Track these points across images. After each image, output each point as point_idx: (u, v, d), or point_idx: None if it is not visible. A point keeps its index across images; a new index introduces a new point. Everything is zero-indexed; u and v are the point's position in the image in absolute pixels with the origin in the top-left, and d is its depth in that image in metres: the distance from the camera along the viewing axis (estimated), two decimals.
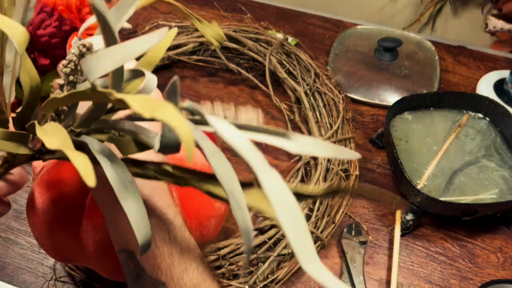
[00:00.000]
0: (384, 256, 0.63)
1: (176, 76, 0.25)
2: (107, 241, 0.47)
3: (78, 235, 0.49)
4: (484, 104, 0.71)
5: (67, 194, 0.48)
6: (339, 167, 0.66)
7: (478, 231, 0.65)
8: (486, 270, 0.62)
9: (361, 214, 0.67)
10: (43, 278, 0.60)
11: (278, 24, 0.90)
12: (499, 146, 0.69)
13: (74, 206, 0.48)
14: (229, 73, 0.84)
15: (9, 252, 0.62)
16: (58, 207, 0.48)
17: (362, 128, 0.77)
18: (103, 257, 0.48)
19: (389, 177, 0.71)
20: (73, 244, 0.49)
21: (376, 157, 0.73)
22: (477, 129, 0.71)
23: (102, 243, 0.47)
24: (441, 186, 0.64)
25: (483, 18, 1.00)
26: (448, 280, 0.61)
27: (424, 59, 0.85)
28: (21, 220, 0.65)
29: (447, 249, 0.64)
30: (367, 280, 0.60)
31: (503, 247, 0.64)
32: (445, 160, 0.67)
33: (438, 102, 0.72)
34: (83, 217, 0.48)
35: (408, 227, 0.63)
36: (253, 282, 0.57)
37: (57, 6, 0.76)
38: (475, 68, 0.86)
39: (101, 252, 0.47)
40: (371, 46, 0.86)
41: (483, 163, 0.67)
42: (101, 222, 0.47)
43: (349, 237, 0.63)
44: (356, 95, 0.80)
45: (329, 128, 0.71)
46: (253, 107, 0.80)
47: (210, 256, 0.58)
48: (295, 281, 0.60)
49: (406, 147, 0.69)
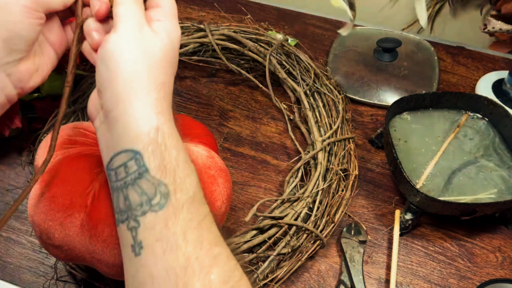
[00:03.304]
0: (383, 256, 0.63)
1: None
2: (107, 238, 0.47)
3: (80, 232, 0.49)
4: (483, 104, 0.71)
5: (69, 192, 0.49)
6: (338, 167, 0.66)
7: (477, 231, 0.66)
8: (485, 269, 0.62)
9: (361, 214, 0.67)
10: (44, 277, 0.60)
11: (278, 24, 0.91)
12: (498, 146, 0.69)
13: (76, 204, 0.49)
14: (230, 73, 0.84)
15: (10, 251, 0.63)
16: (60, 205, 0.48)
17: (362, 128, 0.77)
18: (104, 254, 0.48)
19: (388, 177, 0.71)
20: (75, 242, 0.49)
21: (375, 157, 0.74)
22: (476, 129, 0.71)
23: (102, 241, 0.47)
24: (440, 186, 0.64)
25: (481, 18, 1.00)
26: (447, 280, 0.61)
27: (423, 60, 0.85)
28: (22, 220, 0.66)
29: (446, 248, 0.64)
30: (366, 279, 0.61)
31: (502, 247, 0.64)
32: (444, 160, 0.67)
33: (437, 102, 0.73)
34: (84, 214, 0.49)
35: (407, 226, 0.64)
36: (253, 281, 0.57)
37: None
38: (474, 68, 0.87)
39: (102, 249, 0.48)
40: (370, 47, 0.86)
41: (482, 163, 0.67)
42: (102, 220, 0.47)
43: (348, 236, 0.63)
44: (356, 95, 0.80)
45: (328, 128, 0.71)
46: (253, 107, 0.80)
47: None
48: (295, 280, 0.60)
49: (405, 147, 0.69)
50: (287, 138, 0.76)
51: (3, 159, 0.72)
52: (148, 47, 0.35)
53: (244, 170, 0.72)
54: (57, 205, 0.48)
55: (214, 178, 0.53)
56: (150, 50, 0.35)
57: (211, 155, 0.56)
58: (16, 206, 0.38)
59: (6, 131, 0.69)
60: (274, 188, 0.69)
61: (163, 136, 0.34)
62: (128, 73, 0.34)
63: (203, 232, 0.33)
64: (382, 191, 0.70)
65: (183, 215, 0.32)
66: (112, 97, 0.35)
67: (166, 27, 0.38)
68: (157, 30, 0.37)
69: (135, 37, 0.35)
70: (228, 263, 0.33)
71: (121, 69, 0.34)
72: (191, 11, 0.96)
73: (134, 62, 0.34)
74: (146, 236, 0.33)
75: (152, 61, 0.35)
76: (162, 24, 0.38)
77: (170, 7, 0.40)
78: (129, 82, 0.34)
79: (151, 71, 0.35)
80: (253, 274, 0.57)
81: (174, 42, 0.38)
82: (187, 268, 0.31)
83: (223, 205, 0.54)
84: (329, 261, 0.62)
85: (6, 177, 0.70)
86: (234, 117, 0.78)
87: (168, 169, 0.33)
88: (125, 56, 0.35)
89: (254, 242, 0.59)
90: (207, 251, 0.32)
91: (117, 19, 0.36)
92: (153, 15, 0.39)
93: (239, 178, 0.71)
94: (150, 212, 0.33)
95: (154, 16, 0.38)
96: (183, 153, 0.35)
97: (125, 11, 0.36)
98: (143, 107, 0.34)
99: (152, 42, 0.36)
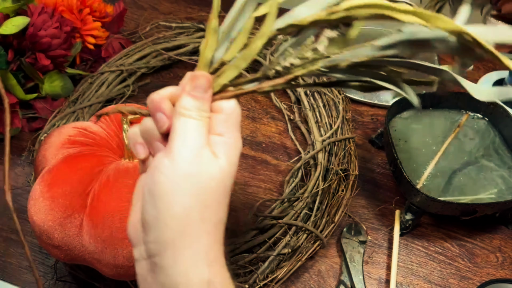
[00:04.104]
0: (383, 256, 0.63)
1: None
2: (107, 238, 0.47)
3: (80, 232, 0.49)
4: (483, 104, 0.71)
5: (69, 192, 0.49)
6: (338, 167, 0.66)
7: (477, 231, 0.65)
8: (485, 269, 0.62)
9: (361, 214, 0.67)
10: (44, 277, 0.60)
11: None
12: (498, 146, 0.69)
13: (76, 204, 0.49)
14: None
15: (10, 251, 0.63)
16: (60, 205, 0.48)
17: (362, 128, 0.77)
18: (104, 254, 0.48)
19: (389, 177, 0.71)
20: (75, 242, 0.49)
21: (375, 157, 0.74)
22: (476, 129, 0.71)
23: (102, 241, 0.47)
24: (441, 186, 0.64)
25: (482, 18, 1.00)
26: (447, 280, 0.61)
27: (423, 60, 0.85)
28: (22, 220, 0.65)
29: (446, 248, 0.64)
30: (367, 280, 0.60)
31: (502, 247, 0.64)
32: (444, 160, 0.67)
33: (437, 102, 0.73)
34: (84, 214, 0.49)
35: (407, 226, 0.63)
36: (253, 282, 0.57)
37: (58, 7, 0.77)
38: (474, 68, 0.87)
39: (102, 249, 0.48)
40: None
41: (482, 163, 0.67)
42: (101, 220, 0.47)
43: (348, 236, 0.63)
44: (356, 95, 0.80)
45: (328, 128, 0.71)
46: (253, 107, 0.80)
47: None
48: (295, 280, 0.60)
49: (406, 147, 0.69)
50: (287, 138, 0.76)
51: (3, 159, 0.72)
52: (205, 181, 0.30)
53: (244, 170, 0.72)
54: (57, 205, 0.48)
55: None
56: (206, 184, 0.30)
57: None
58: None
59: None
60: (274, 188, 0.69)
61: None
62: (179, 219, 0.29)
63: None
64: (382, 191, 0.69)
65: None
66: (158, 241, 0.29)
67: (227, 146, 0.31)
68: (217, 151, 0.30)
69: (192, 169, 0.29)
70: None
71: (171, 214, 0.29)
72: (191, 11, 0.96)
73: (188, 205, 0.29)
74: None
75: (207, 199, 0.30)
76: (223, 141, 0.31)
77: (236, 115, 0.32)
78: (179, 229, 0.29)
79: (206, 212, 0.30)
80: (253, 274, 0.57)
81: (232, 165, 0.31)
82: None
83: None
84: (329, 261, 0.62)
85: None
86: None
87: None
88: (179, 198, 0.29)
89: (254, 242, 0.59)
90: None
91: (174, 136, 0.30)
92: (214, 125, 0.31)
93: (239, 178, 0.70)
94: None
95: (216, 127, 0.31)
96: None
97: (186, 126, 0.30)
98: (193, 256, 0.29)
99: (210, 173, 0.30)
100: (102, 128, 0.58)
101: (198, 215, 0.29)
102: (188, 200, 0.29)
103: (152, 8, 0.97)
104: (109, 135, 0.57)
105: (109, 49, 0.84)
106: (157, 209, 0.29)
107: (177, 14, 0.95)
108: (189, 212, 0.29)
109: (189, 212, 0.29)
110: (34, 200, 0.50)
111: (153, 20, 0.91)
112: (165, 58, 0.82)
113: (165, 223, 0.29)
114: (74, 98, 0.75)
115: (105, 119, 0.60)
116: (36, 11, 0.72)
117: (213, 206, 0.30)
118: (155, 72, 0.84)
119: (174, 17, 0.94)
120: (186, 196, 0.29)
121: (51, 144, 0.55)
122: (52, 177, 0.50)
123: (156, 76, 0.84)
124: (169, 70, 0.85)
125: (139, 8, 0.96)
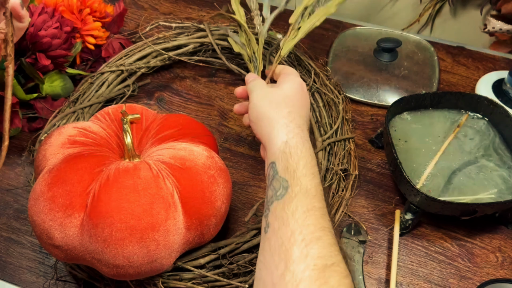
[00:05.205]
0: (383, 256, 0.63)
1: None
2: (107, 238, 0.47)
3: (80, 232, 0.49)
4: (483, 104, 0.71)
5: (69, 192, 0.49)
6: (338, 167, 0.66)
7: (477, 231, 0.66)
8: (485, 269, 0.62)
9: (361, 214, 0.67)
10: (44, 277, 0.60)
11: (278, 24, 0.90)
12: (498, 146, 0.69)
13: (76, 204, 0.49)
14: (229, 73, 0.84)
15: (10, 251, 0.63)
16: (60, 205, 0.49)
17: (362, 128, 0.77)
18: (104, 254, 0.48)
19: (389, 177, 0.71)
20: (75, 242, 0.49)
21: (375, 157, 0.74)
22: (476, 129, 0.71)
23: (102, 241, 0.47)
24: (440, 186, 0.64)
25: (482, 18, 1.00)
26: (447, 280, 0.61)
27: (423, 60, 0.85)
28: (22, 220, 0.66)
29: (446, 248, 0.64)
30: (367, 279, 0.61)
31: (502, 247, 0.64)
32: (444, 160, 0.67)
33: (437, 102, 0.73)
34: (84, 214, 0.49)
35: (407, 226, 0.64)
36: (253, 281, 0.57)
37: (58, 7, 0.77)
38: (474, 68, 0.87)
39: (102, 249, 0.48)
40: (370, 47, 0.86)
41: (482, 163, 0.67)
42: (101, 220, 0.47)
43: (348, 236, 0.63)
44: (356, 95, 0.80)
45: (329, 128, 0.71)
46: None
47: (210, 255, 0.58)
48: None
49: (405, 147, 0.69)
50: None
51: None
52: (272, 97, 0.53)
53: (244, 170, 0.72)
54: (57, 205, 0.48)
55: (214, 178, 0.53)
56: (273, 97, 0.52)
57: (211, 155, 0.56)
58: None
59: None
60: None
61: (289, 147, 0.47)
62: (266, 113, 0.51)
63: (310, 217, 0.41)
64: (382, 191, 0.70)
65: (295, 202, 0.42)
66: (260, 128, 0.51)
67: (285, 81, 0.55)
68: (278, 85, 0.55)
69: (262, 95, 0.53)
70: (329, 247, 0.40)
71: (262, 114, 0.52)
72: (191, 11, 0.96)
73: (267, 108, 0.52)
74: (271, 217, 0.43)
75: (275, 102, 0.52)
76: (283, 79, 0.55)
77: (292, 71, 0.58)
78: (268, 118, 0.51)
79: (277, 108, 0.51)
80: (253, 274, 0.57)
81: (294, 86, 0.54)
82: (291, 238, 0.40)
83: (223, 205, 0.54)
84: None
85: (6, 177, 0.70)
86: (234, 117, 0.78)
87: (289, 170, 0.45)
88: (262, 109, 0.52)
89: (254, 242, 0.59)
90: (311, 232, 0.40)
91: (249, 91, 0.56)
92: (282, 73, 0.57)
93: (239, 178, 0.71)
94: (275, 201, 0.44)
95: (284, 76, 0.56)
96: (304, 160, 0.46)
97: (253, 85, 0.56)
98: (277, 130, 0.49)
99: (274, 93, 0.53)
100: (102, 128, 0.58)
101: (273, 110, 0.51)
102: (266, 105, 0.52)
103: (152, 8, 0.97)
104: (109, 135, 0.57)
105: (109, 49, 0.84)
106: (257, 113, 0.52)
107: (177, 14, 0.95)
108: (268, 110, 0.51)
109: (267, 110, 0.51)
110: (34, 200, 0.50)
111: (153, 20, 0.91)
112: (165, 58, 0.82)
113: (262, 119, 0.51)
114: (74, 98, 0.75)
115: (105, 119, 0.60)
116: (36, 11, 0.72)
117: (281, 104, 0.51)
118: (155, 72, 0.84)
119: (174, 17, 0.94)
120: (264, 106, 0.52)
121: (51, 144, 0.55)
122: (52, 177, 0.50)
123: (156, 76, 0.84)
124: (169, 70, 0.85)
125: (139, 8, 0.96)
